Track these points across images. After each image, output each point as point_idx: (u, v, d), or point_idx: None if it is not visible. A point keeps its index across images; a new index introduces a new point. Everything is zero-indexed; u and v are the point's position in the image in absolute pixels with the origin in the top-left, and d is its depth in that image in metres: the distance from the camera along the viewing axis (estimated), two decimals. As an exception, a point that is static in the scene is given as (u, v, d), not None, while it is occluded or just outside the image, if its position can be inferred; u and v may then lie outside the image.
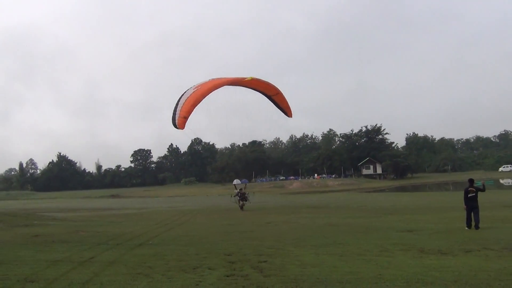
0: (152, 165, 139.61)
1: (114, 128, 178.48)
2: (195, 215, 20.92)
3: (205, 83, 14.54)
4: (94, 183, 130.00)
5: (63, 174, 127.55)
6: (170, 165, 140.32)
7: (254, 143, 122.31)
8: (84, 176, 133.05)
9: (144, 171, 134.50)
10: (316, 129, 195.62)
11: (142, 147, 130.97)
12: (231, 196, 25.41)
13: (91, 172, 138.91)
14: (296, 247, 8.55)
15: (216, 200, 44.64)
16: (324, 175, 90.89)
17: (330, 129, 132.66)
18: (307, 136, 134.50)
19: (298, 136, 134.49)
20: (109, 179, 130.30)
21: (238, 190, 23.71)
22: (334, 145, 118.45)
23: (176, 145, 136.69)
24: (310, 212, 19.49)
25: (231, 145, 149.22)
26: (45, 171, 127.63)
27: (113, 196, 74.34)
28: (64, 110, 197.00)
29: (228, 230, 12.31)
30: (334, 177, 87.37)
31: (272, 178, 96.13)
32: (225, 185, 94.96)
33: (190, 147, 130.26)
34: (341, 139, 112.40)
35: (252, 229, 12.43)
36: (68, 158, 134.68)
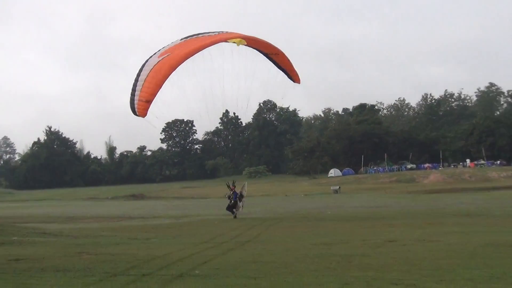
0: (196, 146, 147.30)
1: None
2: (267, 227, 22.26)
3: (176, 46, 17.03)
4: (104, 175, 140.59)
5: (55, 162, 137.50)
6: (225, 146, 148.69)
7: (362, 108, 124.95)
8: (88, 165, 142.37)
9: (184, 156, 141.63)
10: (467, 83, 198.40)
11: (179, 117, 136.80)
12: (225, 195, 30.36)
13: (99, 157, 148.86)
14: (441, 283, 8.78)
15: (302, 202, 46.15)
16: (482, 162, 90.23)
17: (490, 83, 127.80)
18: (451, 95, 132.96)
19: (436, 96, 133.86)
20: (127, 169, 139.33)
21: (231, 192, 28.96)
22: (499, 110, 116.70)
23: (234, 114, 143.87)
24: (460, 224, 20.19)
25: (325, 113, 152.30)
26: (27, 157, 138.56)
27: (134, 196, 79.59)
28: (56, 59, 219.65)
29: (322, 253, 12.79)
30: (500, 165, 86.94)
31: (394, 167, 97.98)
32: (316, 178, 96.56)
33: (258, 115, 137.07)
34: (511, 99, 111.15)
35: (364, 251, 12.88)
36: (63, 135, 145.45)
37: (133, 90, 16.38)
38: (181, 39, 17.97)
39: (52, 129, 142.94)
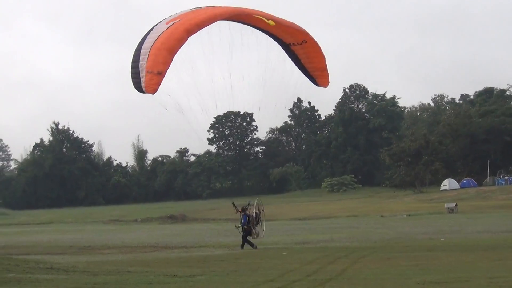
0: (258, 149, 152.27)
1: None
2: (355, 260, 22.21)
3: (189, 13, 17.39)
4: (131, 189, 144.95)
5: (64, 171, 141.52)
6: (298, 148, 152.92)
7: (488, 94, 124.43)
8: (109, 175, 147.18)
9: (240, 162, 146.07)
10: None
11: (233, 109, 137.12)
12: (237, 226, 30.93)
13: (123, 165, 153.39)
14: None
15: (404, 225, 45.80)
16: None
17: None
18: None
19: None
20: (163, 181, 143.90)
21: (243, 212, 29.91)
22: None
23: (309, 103, 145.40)
24: None
25: (435, 101, 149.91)
26: (27, 165, 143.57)
27: (172, 218, 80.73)
28: (65, 30, 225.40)
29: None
30: None
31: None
32: (423, 191, 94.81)
33: (342, 105, 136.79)
34: None
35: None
36: (75, 135, 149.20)
37: (136, 61, 16.39)
38: (191, 9, 18.19)
39: (59, 127, 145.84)
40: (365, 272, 18.02)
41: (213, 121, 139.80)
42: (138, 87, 16.22)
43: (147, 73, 15.82)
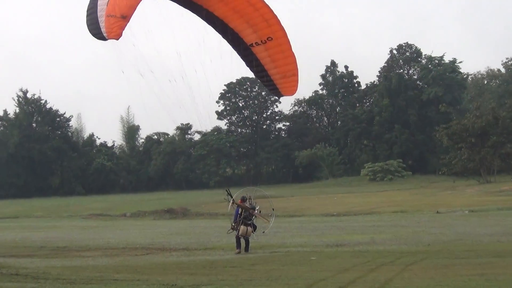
0: (280, 125, 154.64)
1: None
2: (404, 267, 22.33)
3: None
4: (118, 175, 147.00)
5: (34, 151, 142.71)
6: (330, 125, 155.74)
7: None
8: (90, 158, 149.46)
9: (257, 142, 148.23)
10: None
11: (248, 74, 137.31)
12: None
13: (109, 144, 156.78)
14: None
15: (466, 224, 45.75)
16: None
17: None
18: None
19: None
20: (159, 165, 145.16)
21: (232, 203, 30.25)
22: None
23: (346, 68, 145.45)
24: None
25: (507, 66, 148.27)
26: None
27: (171, 212, 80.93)
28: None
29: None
30: None
31: None
32: (490, 181, 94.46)
33: (388, 70, 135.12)
34: None
35: None
36: (48, 106, 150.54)
37: (93, 7, 16.69)
38: None
39: (28, 95, 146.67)
40: (416, 283, 17.91)
41: (223, 90, 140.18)
42: (97, 33, 16.45)
43: (107, 17, 16.01)
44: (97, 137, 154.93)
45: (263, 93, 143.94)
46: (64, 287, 18.39)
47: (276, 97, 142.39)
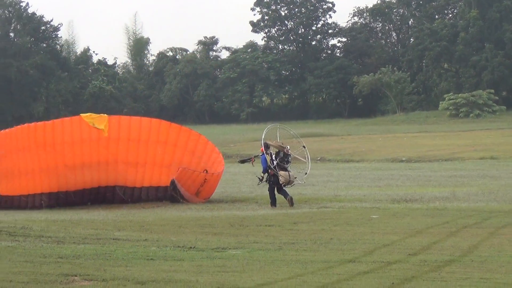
0: (333, 41, 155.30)
1: None
2: (494, 231, 22.39)
3: None
4: (122, 103, 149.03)
5: (12, 69, 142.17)
6: (400, 42, 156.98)
7: None
8: (85, 79, 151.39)
9: (303, 62, 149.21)
10: None
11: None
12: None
13: (109, 63, 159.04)
14: None
15: None
16: None
17: None
18: None
19: None
20: (175, 91, 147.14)
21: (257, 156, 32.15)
22: None
23: None
24: None
25: None
26: None
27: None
28: None
29: None
30: None
31: None
32: None
33: None
34: None
35: None
36: (30, 9, 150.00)
37: None
38: None
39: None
40: (509, 251, 17.87)
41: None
42: None
43: None
44: (93, 52, 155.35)
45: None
46: (49, 246, 18.60)
47: (331, 4, 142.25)
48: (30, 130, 34.18)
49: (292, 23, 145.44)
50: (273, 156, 30.21)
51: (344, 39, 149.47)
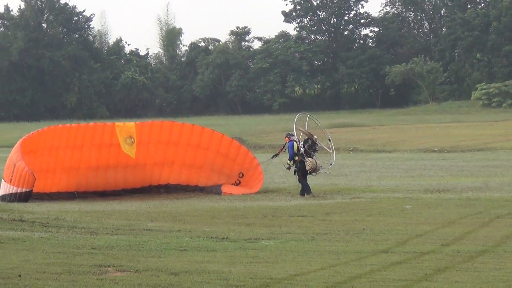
0: (366, 31, 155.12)
1: None
2: None
3: None
4: (155, 94, 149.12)
5: (43, 59, 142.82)
6: (433, 31, 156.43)
7: None
8: (117, 70, 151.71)
9: (336, 52, 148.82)
10: None
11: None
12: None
13: (142, 53, 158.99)
14: None
15: None
16: None
17: None
18: None
19: None
20: (207, 81, 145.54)
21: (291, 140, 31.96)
22: None
23: None
24: None
25: None
26: None
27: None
28: None
29: None
30: None
31: None
32: None
33: None
34: None
35: None
36: (63, 0, 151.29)
37: None
38: None
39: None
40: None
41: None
42: None
43: None
44: (126, 42, 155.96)
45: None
46: (82, 237, 18.77)
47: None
48: (64, 131, 33.92)
49: (324, 13, 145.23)
50: (301, 143, 30.62)
51: (376, 29, 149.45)
